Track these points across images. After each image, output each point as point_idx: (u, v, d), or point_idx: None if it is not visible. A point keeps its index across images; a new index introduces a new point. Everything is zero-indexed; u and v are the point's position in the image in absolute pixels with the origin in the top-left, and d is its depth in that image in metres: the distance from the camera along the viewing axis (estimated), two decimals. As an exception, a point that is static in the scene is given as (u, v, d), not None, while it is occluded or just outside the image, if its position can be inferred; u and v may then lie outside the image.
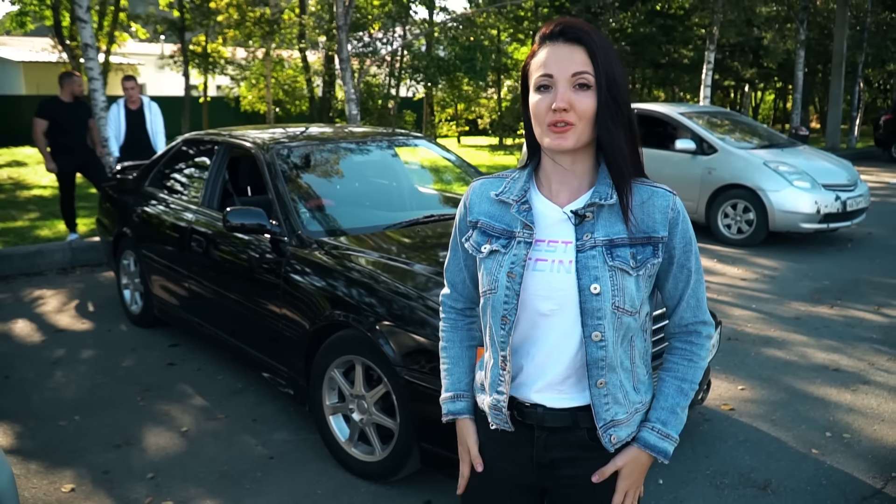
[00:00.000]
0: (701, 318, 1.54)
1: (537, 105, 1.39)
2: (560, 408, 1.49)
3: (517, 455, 1.56)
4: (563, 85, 1.36)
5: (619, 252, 1.42)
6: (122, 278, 5.46)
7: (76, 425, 3.77)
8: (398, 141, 4.93)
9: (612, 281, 1.41)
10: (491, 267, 1.49)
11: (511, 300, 1.45)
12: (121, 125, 7.63)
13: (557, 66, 1.37)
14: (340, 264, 3.39)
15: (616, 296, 1.41)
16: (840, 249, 8.03)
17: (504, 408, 1.52)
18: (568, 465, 1.52)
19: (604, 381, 1.45)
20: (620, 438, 1.50)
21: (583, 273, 1.41)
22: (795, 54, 20.35)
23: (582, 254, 1.42)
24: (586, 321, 1.41)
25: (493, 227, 1.51)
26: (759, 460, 3.42)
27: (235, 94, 25.67)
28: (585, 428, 1.49)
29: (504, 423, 1.53)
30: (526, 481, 1.58)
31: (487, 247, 1.50)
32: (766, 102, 37.89)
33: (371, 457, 3.18)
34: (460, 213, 1.60)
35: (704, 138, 8.52)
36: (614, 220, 1.43)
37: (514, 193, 1.49)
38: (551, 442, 1.51)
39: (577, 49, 1.37)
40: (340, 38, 11.06)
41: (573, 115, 1.36)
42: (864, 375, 4.43)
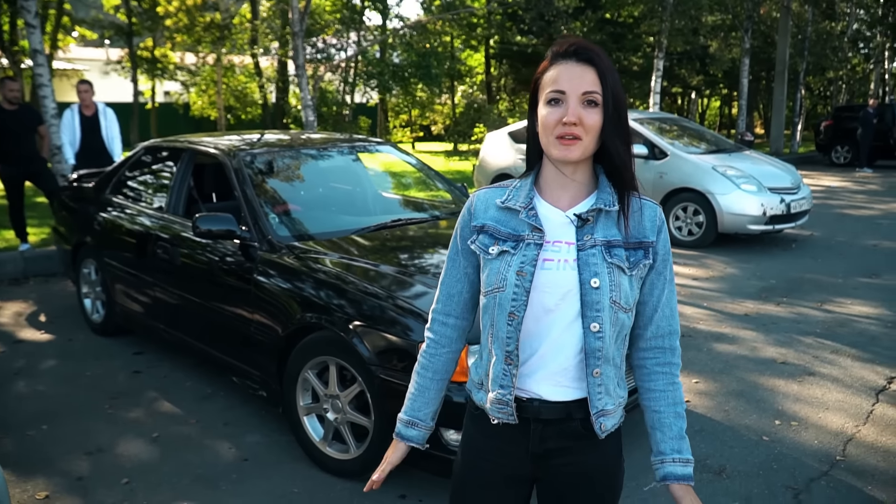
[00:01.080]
0: (675, 327, 1.66)
1: (548, 117, 1.51)
2: (556, 401, 1.60)
3: (513, 448, 1.65)
4: (574, 101, 1.48)
5: (615, 252, 1.55)
6: (83, 287, 5.42)
7: (45, 434, 3.76)
8: (362, 147, 5.01)
9: (610, 277, 1.53)
10: (499, 267, 1.58)
11: (520, 297, 1.55)
12: (76, 131, 7.52)
13: (570, 83, 1.48)
14: (311, 268, 3.46)
15: (613, 290, 1.53)
16: (785, 250, 8.37)
17: (510, 402, 1.60)
18: (562, 454, 1.64)
19: (599, 371, 1.56)
20: (608, 427, 1.62)
21: (584, 269, 1.53)
22: (740, 62, 21.03)
23: (583, 252, 1.54)
24: (586, 313, 1.53)
25: (499, 230, 1.60)
26: (714, 447, 3.60)
27: (185, 100, 25.36)
28: (578, 419, 1.61)
29: (509, 417, 1.61)
30: (519, 473, 1.68)
31: (496, 248, 1.59)
32: (712, 109, 38.93)
33: (346, 455, 3.26)
34: (463, 220, 1.68)
35: (656, 144, 8.79)
36: (611, 224, 1.57)
37: (521, 200, 1.59)
38: (547, 433, 1.62)
39: (588, 69, 1.49)
40: (296, 45, 11.08)
41: (581, 130, 1.48)
42: (809, 367, 4.67)
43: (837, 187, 14.23)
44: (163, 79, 23.24)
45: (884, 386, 4.38)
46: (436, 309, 1.76)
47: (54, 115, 8.42)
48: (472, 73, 28.00)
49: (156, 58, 22.06)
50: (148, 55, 21.95)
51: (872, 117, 16.70)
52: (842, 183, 14.94)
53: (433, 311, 1.77)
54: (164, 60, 22.53)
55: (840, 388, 4.34)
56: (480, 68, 27.67)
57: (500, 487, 1.70)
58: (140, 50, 21.82)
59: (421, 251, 3.95)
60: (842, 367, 4.69)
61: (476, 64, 28.30)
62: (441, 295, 1.75)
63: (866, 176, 16.24)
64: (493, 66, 26.71)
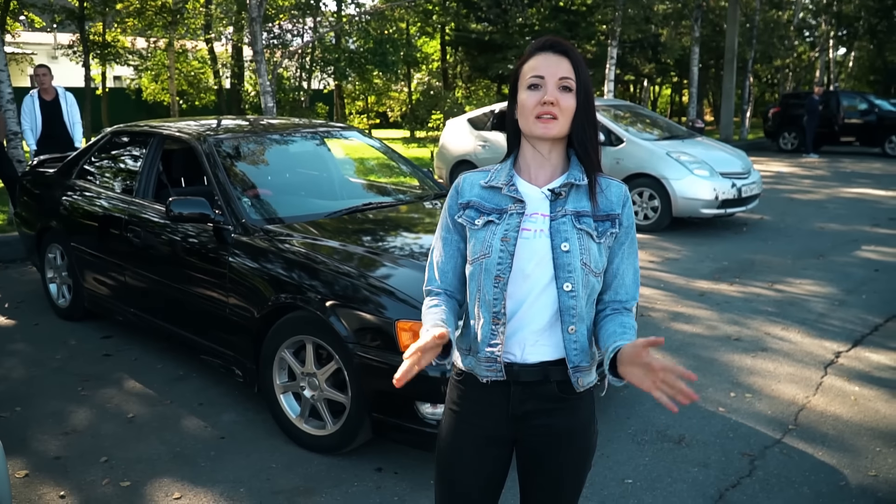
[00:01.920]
0: (633, 294, 1.80)
1: (528, 99, 1.69)
2: (533, 362, 1.74)
3: (493, 410, 1.79)
4: (552, 85, 1.68)
5: (584, 220, 1.72)
6: (48, 272, 5.39)
7: (19, 416, 3.78)
8: (329, 132, 5.08)
9: (580, 242, 1.70)
10: (484, 236, 1.73)
11: (505, 261, 1.70)
12: (36, 117, 7.42)
13: (548, 69, 1.68)
14: (284, 249, 3.54)
15: (583, 254, 1.69)
16: (737, 233, 8.68)
17: (499, 357, 1.73)
18: (540, 416, 1.78)
19: (574, 328, 1.72)
20: (586, 383, 1.77)
21: (555, 235, 1.70)
22: (691, 50, 21.45)
23: (555, 221, 1.71)
24: (559, 274, 1.69)
25: (484, 205, 1.77)
26: (674, 419, 3.79)
27: (137, 85, 24.88)
28: (555, 381, 1.75)
29: (498, 373, 1.74)
30: (499, 433, 1.81)
31: (481, 219, 1.75)
32: (664, 96, 39.57)
33: (322, 431, 3.36)
34: (451, 199, 1.83)
35: (612, 130, 9.01)
36: (581, 197, 1.74)
37: (502, 179, 1.77)
38: (525, 395, 1.76)
39: (564, 59, 1.69)
40: (254, 30, 11.01)
41: (557, 110, 1.67)
42: (762, 343, 4.92)
43: (786, 172, 14.70)
44: (114, 63, 22.75)
45: (831, 360, 4.63)
46: (430, 286, 1.85)
47: (10, 100, 8.28)
48: (429, 60, 28.02)
49: (107, 42, 21.56)
50: (99, 39, 21.44)
51: (818, 104, 17.25)
52: (790, 168, 15.43)
53: (426, 289, 1.86)
54: (116, 45, 22.03)
55: (791, 362, 4.59)
56: (436, 55, 27.69)
57: (482, 448, 1.83)
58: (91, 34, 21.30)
59: (394, 233, 4.05)
60: (792, 342, 4.94)
61: (432, 51, 28.32)
62: (432, 274, 1.85)
63: (812, 161, 16.79)
64: (450, 53, 26.77)
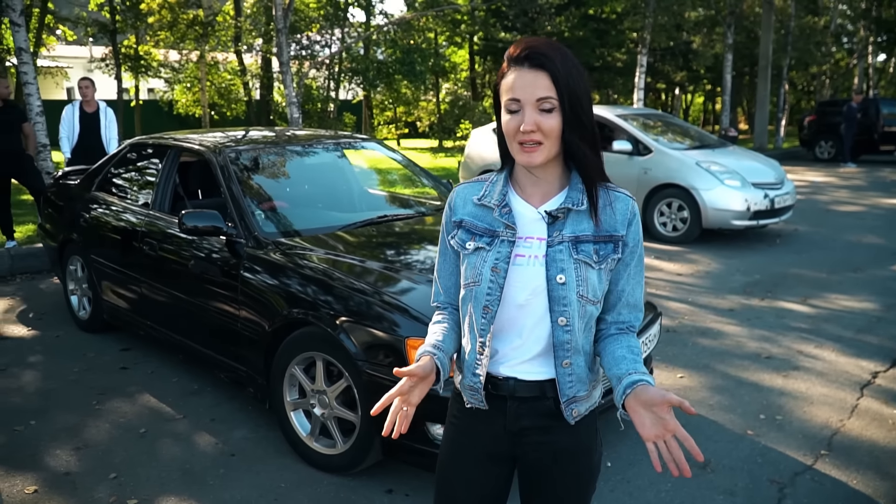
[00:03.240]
0: (636, 316, 1.69)
1: (507, 125, 1.55)
2: (530, 380, 1.66)
3: (490, 426, 1.71)
4: (530, 109, 1.51)
5: (583, 247, 1.59)
6: (69, 284, 5.40)
7: (33, 430, 3.75)
8: (348, 143, 5.02)
9: (577, 272, 1.57)
10: (475, 262, 1.63)
11: (494, 292, 1.60)
12: (74, 127, 7.52)
13: (523, 91, 1.51)
14: (297, 264, 3.47)
15: (580, 285, 1.58)
16: (769, 245, 8.45)
17: (480, 388, 1.67)
18: (537, 432, 1.69)
19: (569, 361, 1.62)
20: (581, 412, 1.67)
21: (551, 265, 1.58)
22: (723, 58, 21.13)
23: (551, 248, 1.59)
24: (553, 307, 1.58)
25: (476, 226, 1.66)
26: (699, 442, 3.63)
27: (169, 97, 25.21)
28: (552, 397, 1.66)
29: (479, 403, 1.69)
30: (498, 450, 1.73)
31: (472, 244, 1.65)
32: (696, 105, 39.13)
33: (333, 450, 3.28)
34: (445, 216, 1.74)
35: (640, 140, 8.84)
36: (581, 219, 1.61)
37: (495, 198, 1.64)
38: (522, 411, 1.67)
39: (541, 74, 1.50)
40: (280, 41, 11.05)
41: (540, 135, 1.52)
42: (793, 362, 4.73)
43: (822, 182, 14.36)
44: (147, 76, 23.08)
45: (868, 380, 4.44)
46: (437, 301, 1.81)
47: (39, 112, 8.38)
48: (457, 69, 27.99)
49: (139, 55, 21.89)
50: (131, 52, 21.77)
51: (856, 112, 16.84)
52: (826, 178, 15.08)
53: (433, 303, 1.82)
54: (148, 58, 22.36)
55: (825, 383, 4.40)
56: (465, 65, 27.64)
57: (482, 465, 1.75)
58: (123, 48, 21.65)
59: (407, 247, 3.96)
60: (826, 361, 4.75)
61: (460, 60, 28.27)
62: (437, 288, 1.80)
63: (850, 171, 16.40)
64: (478, 62, 26.70)
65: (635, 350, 1.62)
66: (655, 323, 3.84)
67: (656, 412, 1.43)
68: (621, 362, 1.58)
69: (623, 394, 1.50)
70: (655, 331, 3.83)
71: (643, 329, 3.64)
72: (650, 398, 1.44)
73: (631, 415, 1.47)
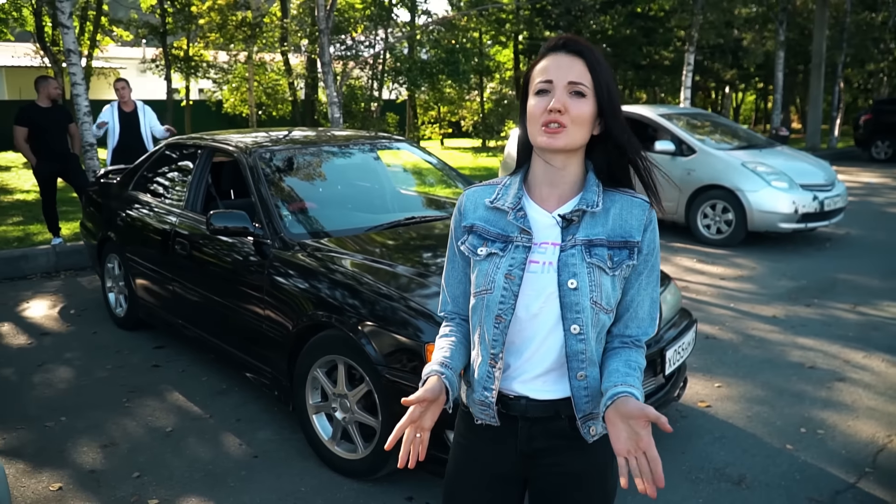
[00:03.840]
0: (645, 330, 1.59)
1: (535, 106, 1.48)
2: (543, 399, 1.57)
3: (501, 447, 1.63)
4: (561, 90, 1.46)
5: (596, 251, 1.51)
6: (107, 281, 5.48)
7: (63, 426, 3.80)
8: (380, 144, 4.98)
9: (590, 277, 1.49)
10: (487, 269, 1.55)
11: (507, 300, 1.52)
12: (115, 127, 7.67)
13: (557, 72, 1.47)
14: (322, 266, 3.44)
15: (594, 291, 1.49)
16: (818, 249, 8.17)
17: (492, 404, 1.58)
18: (550, 454, 1.60)
19: (584, 374, 1.53)
20: (598, 431, 1.58)
21: (562, 270, 1.50)
22: (775, 55, 20.58)
23: (563, 252, 1.51)
24: (566, 314, 1.50)
25: (488, 231, 1.58)
26: (735, 456, 3.50)
27: (218, 97, 25.63)
28: (566, 417, 1.57)
29: (491, 419, 1.60)
30: (509, 472, 1.65)
31: (484, 249, 1.56)
32: (748, 103, 38.26)
33: (354, 455, 3.23)
34: (455, 220, 1.66)
35: (683, 140, 8.63)
36: (596, 223, 1.53)
37: (509, 201, 1.56)
38: (534, 432, 1.59)
39: (578, 60, 1.47)
40: (322, 42, 11.09)
41: (566, 118, 1.46)
42: (839, 372, 4.53)
43: (877, 184, 13.85)
44: (196, 77, 23.50)
45: (916, 391, 4.23)
46: (445, 311, 1.73)
47: (86, 112, 8.53)
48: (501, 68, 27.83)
49: (189, 56, 22.29)
50: (181, 54, 22.18)
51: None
52: (881, 179, 14.54)
53: (440, 313, 1.74)
54: (197, 59, 22.76)
55: (872, 395, 4.20)
56: (509, 64, 27.47)
57: (492, 487, 1.67)
58: (174, 49, 22.08)
59: (435, 249, 3.90)
60: (875, 372, 4.53)
61: (505, 60, 28.10)
62: (445, 297, 1.72)
63: (907, 173, 15.82)
64: (522, 61, 26.48)
65: (633, 364, 1.53)
66: (690, 330, 3.71)
67: (633, 426, 1.36)
68: (612, 375, 1.50)
69: (604, 405, 1.44)
70: (690, 338, 3.70)
71: (676, 337, 3.52)
72: (629, 411, 1.37)
73: (608, 426, 1.41)
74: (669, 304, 3.70)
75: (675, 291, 3.84)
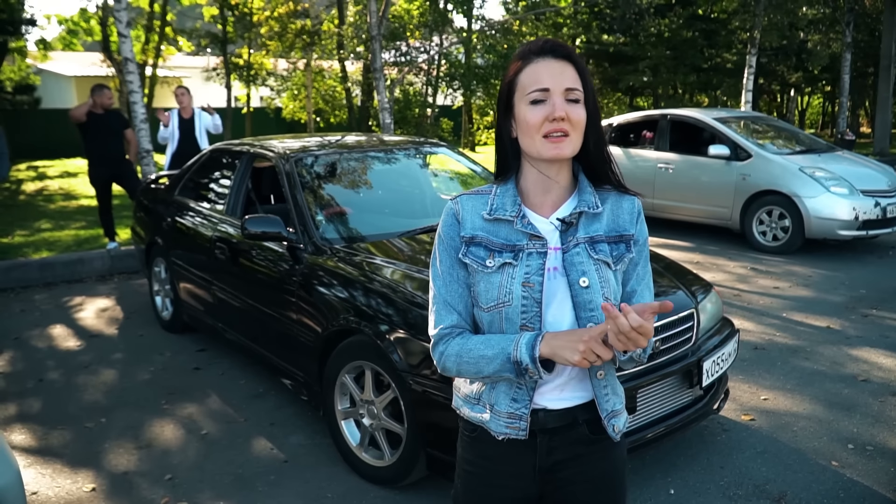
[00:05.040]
0: None
1: (532, 117, 1.44)
2: (560, 408, 1.54)
3: (518, 467, 1.56)
4: (559, 97, 1.43)
5: (600, 247, 1.50)
6: (154, 285, 5.61)
7: (102, 427, 3.89)
8: (419, 149, 4.97)
9: (599, 274, 1.48)
10: (501, 280, 1.48)
11: (530, 309, 1.46)
12: (175, 133, 7.89)
13: (552, 80, 1.43)
14: (354, 271, 3.43)
15: (604, 287, 1.48)
16: (880, 257, 7.82)
17: (525, 416, 1.51)
18: (571, 464, 1.56)
19: (603, 372, 1.52)
20: (620, 428, 1.57)
21: (570, 269, 1.47)
22: (842, 57, 19.88)
23: (567, 253, 1.48)
24: (580, 314, 1.46)
25: (492, 241, 1.51)
26: (776, 472, 3.35)
27: (277, 104, 26.14)
28: (585, 422, 1.54)
29: (520, 432, 1.51)
30: (525, 494, 1.59)
31: (493, 261, 1.49)
32: (814, 107, 37.08)
33: (380, 461, 3.21)
34: (450, 228, 1.55)
35: (739, 144, 8.38)
36: (592, 221, 1.52)
37: (509, 210, 1.51)
38: (554, 443, 1.55)
39: (568, 66, 1.45)
40: (374, 48, 11.18)
41: (568, 125, 1.43)
42: (894, 386, 4.31)
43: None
44: (256, 84, 24.01)
45: (978, 409, 3.99)
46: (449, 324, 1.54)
47: (143, 119, 8.77)
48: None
49: (250, 64, 22.79)
50: (242, 62, 22.70)
51: None
52: (953, 185, 13.85)
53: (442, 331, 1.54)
54: (257, 66, 23.26)
55: (927, 410, 3.99)
56: (567, 69, 27.27)
57: None
58: (234, 57, 22.62)
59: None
60: (932, 386, 4.31)
61: (563, 64, 27.92)
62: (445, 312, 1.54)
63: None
64: (580, 65, 26.27)
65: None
66: (731, 340, 3.58)
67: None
68: None
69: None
70: (731, 349, 3.57)
71: (715, 347, 3.39)
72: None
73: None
74: (709, 313, 3.58)
75: (715, 300, 3.72)
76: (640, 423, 3.09)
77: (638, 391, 3.00)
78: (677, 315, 3.26)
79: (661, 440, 3.17)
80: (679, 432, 3.28)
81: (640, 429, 3.09)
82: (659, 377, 3.09)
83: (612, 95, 26.16)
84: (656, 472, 3.35)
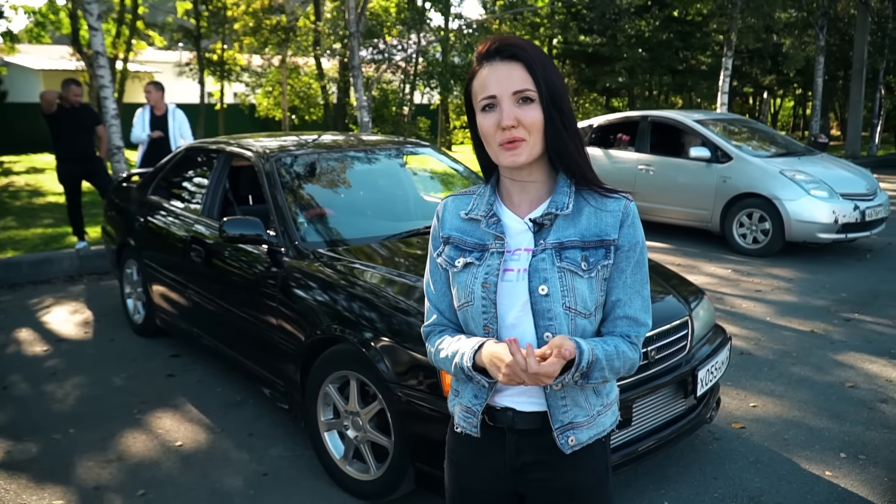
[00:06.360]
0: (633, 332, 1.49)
1: (485, 125, 1.43)
2: (529, 411, 1.51)
3: (491, 461, 1.57)
4: (507, 102, 1.39)
5: (567, 254, 1.44)
6: (126, 287, 5.42)
7: (70, 438, 3.71)
8: (402, 149, 4.84)
9: (562, 282, 1.42)
10: (465, 280, 1.50)
11: (489, 309, 1.47)
12: (146, 130, 7.67)
13: (498, 85, 1.39)
14: (338, 277, 3.30)
15: (566, 296, 1.42)
16: (858, 260, 7.85)
17: (478, 413, 1.52)
18: (541, 469, 1.53)
19: (560, 383, 1.42)
20: (580, 441, 1.50)
21: (533, 276, 1.44)
22: (815, 60, 20.10)
23: (534, 258, 1.44)
24: (538, 322, 1.43)
25: (465, 241, 1.53)
26: (770, 482, 3.28)
27: (251, 101, 25.78)
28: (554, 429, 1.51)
29: (472, 428, 1.54)
30: (502, 488, 1.59)
31: (462, 260, 1.51)
32: (786, 109, 37.53)
33: (366, 475, 3.09)
34: (434, 230, 1.61)
35: (719, 146, 8.37)
36: (568, 224, 1.46)
37: (482, 209, 1.52)
38: (522, 445, 1.53)
39: (515, 66, 1.40)
40: (352, 45, 11.02)
41: (522, 131, 1.40)
42: (882, 392, 4.28)
43: (920, 193, 13.39)
44: (230, 80, 23.65)
45: (966, 416, 3.96)
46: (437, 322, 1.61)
47: (114, 115, 8.53)
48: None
49: (223, 60, 22.43)
50: (215, 58, 22.34)
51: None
52: (925, 189, 14.06)
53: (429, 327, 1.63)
54: (231, 63, 22.91)
55: (916, 417, 3.95)
56: (543, 69, 27.28)
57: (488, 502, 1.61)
58: (208, 53, 22.25)
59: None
60: (919, 392, 4.28)
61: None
62: (434, 309, 1.62)
63: (952, 181, 15.27)
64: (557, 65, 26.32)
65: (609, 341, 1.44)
66: (724, 348, 3.51)
67: None
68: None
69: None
70: (724, 357, 3.49)
71: (709, 356, 3.31)
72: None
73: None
74: (703, 321, 3.50)
75: (708, 307, 3.64)
76: (633, 435, 3.00)
77: (633, 403, 2.91)
78: (671, 324, 3.18)
79: (654, 453, 3.07)
80: (672, 444, 3.19)
81: (632, 441, 3.00)
82: (654, 388, 3.01)
83: (588, 96, 26.20)
84: (648, 484, 3.27)
